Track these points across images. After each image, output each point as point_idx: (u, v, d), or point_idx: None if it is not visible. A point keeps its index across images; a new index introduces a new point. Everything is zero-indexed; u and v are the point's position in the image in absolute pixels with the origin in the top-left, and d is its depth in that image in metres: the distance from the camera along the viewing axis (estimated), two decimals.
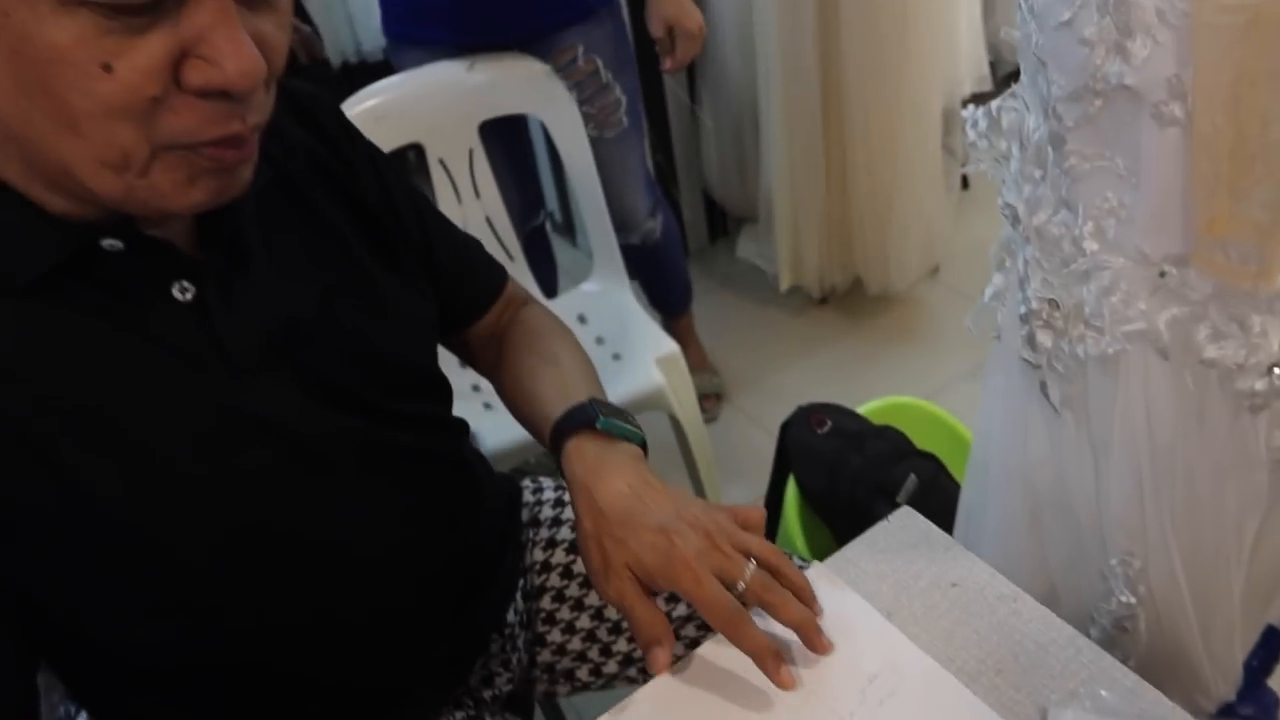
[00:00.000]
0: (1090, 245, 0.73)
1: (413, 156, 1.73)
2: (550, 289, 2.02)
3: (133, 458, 0.61)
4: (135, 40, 0.51)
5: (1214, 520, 0.82)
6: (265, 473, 0.67)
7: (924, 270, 2.34)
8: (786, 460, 1.40)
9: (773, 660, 0.66)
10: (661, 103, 2.36)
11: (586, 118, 1.70)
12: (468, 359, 0.99)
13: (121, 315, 0.61)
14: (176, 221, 0.63)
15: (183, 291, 0.63)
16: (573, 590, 0.97)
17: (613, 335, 1.75)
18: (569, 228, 2.71)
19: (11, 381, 0.57)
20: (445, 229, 0.91)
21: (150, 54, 0.51)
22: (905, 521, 0.80)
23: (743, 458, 2.03)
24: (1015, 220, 0.80)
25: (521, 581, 0.97)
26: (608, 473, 0.74)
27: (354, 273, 0.76)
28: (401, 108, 1.58)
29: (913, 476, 1.33)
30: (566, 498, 1.04)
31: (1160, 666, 0.91)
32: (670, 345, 1.66)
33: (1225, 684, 0.93)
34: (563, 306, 1.81)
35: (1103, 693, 0.65)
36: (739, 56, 2.25)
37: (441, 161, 1.65)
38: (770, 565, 0.70)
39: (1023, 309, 0.83)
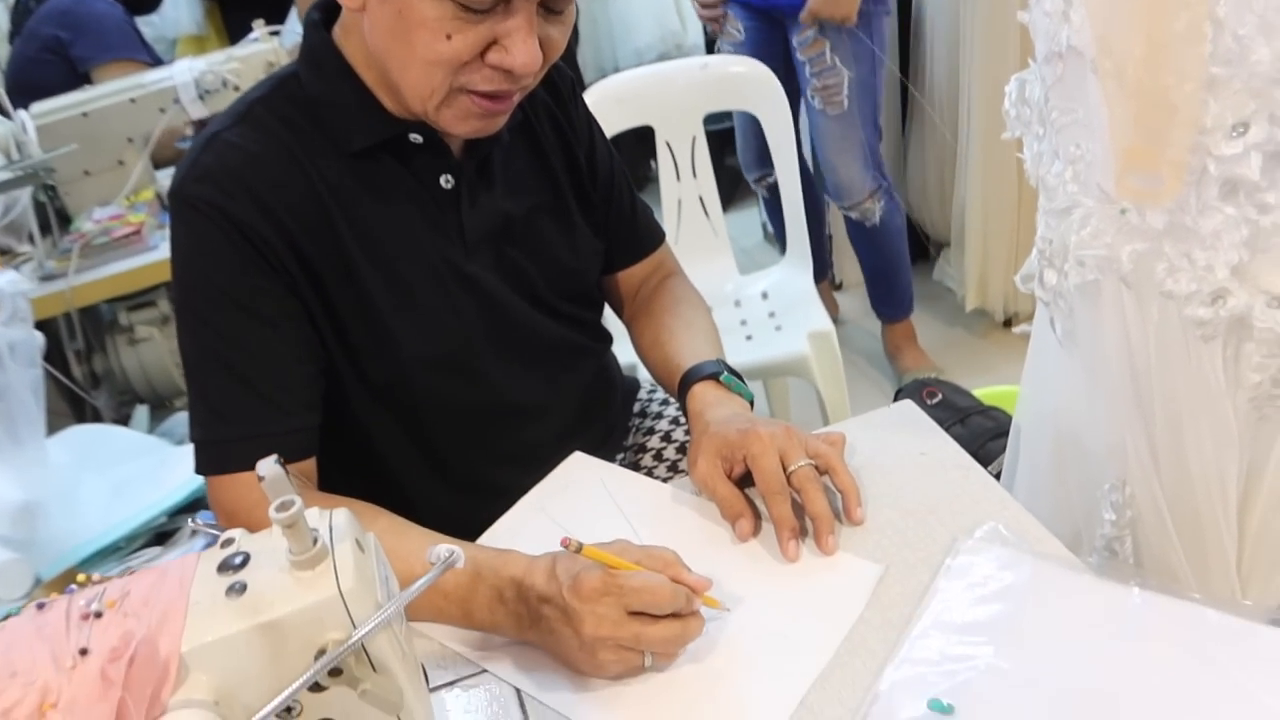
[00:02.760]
0: (1071, 188, 0.87)
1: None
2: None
3: (394, 276, 0.92)
4: (471, 26, 0.80)
5: (1194, 451, 0.92)
6: (474, 319, 0.97)
7: None
8: None
9: (789, 532, 0.83)
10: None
11: (814, 93, 2.02)
12: (612, 302, 1.24)
13: (409, 187, 0.93)
14: (455, 138, 0.94)
15: (447, 182, 0.94)
16: (664, 463, 1.20)
17: (783, 311, 1.97)
18: (779, 238, 2.94)
19: (336, 207, 0.90)
20: (627, 191, 1.18)
21: (477, 37, 0.80)
22: (904, 409, 0.97)
23: None
24: (1030, 175, 0.95)
25: (621, 456, 1.22)
26: (719, 407, 0.96)
27: (557, 202, 1.06)
28: (639, 94, 1.90)
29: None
30: (673, 399, 1.28)
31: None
32: (826, 324, 1.85)
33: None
34: (749, 281, 2.06)
35: (1001, 528, 0.80)
36: (945, 81, 2.40)
37: (668, 144, 1.95)
38: (829, 466, 0.87)
39: (1036, 251, 0.98)
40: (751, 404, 0.99)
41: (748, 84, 1.90)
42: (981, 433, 1.47)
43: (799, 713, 0.69)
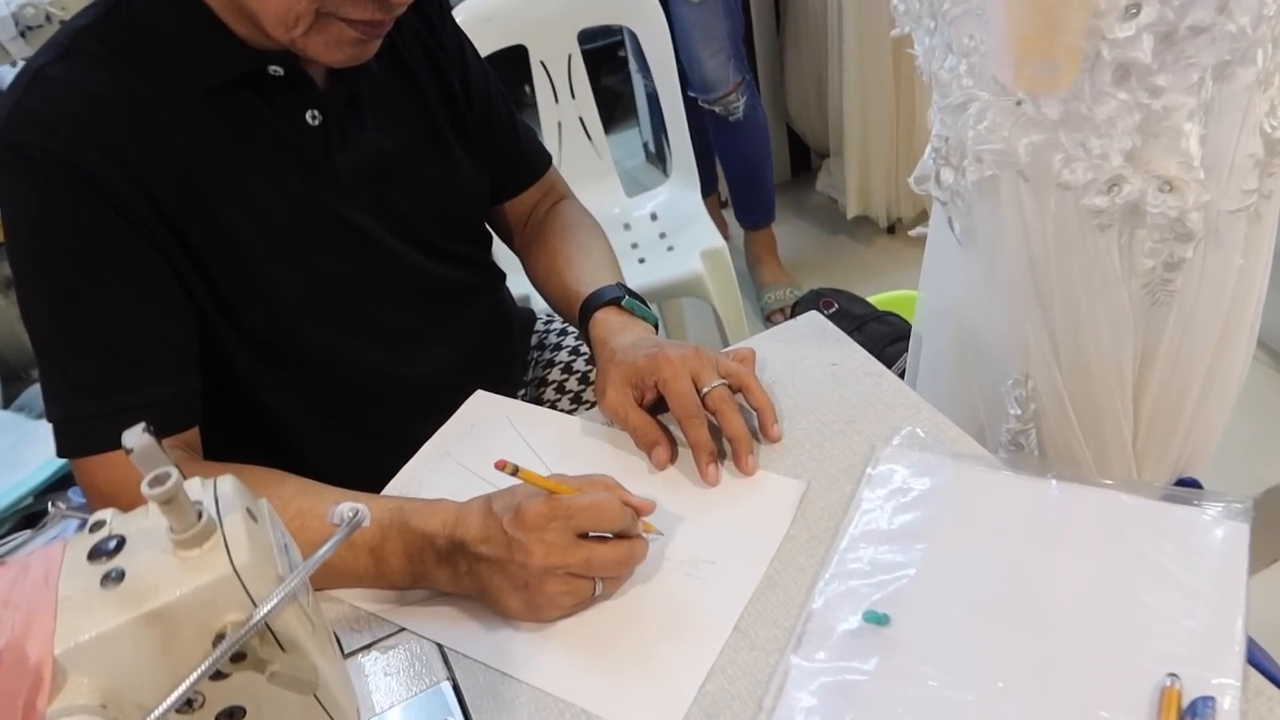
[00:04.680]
0: (965, 81, 0.86)
1: None
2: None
3: (265, 225, 0.83)
4: None
5: (1093, 341, 0.94)
6: (356, 266, 0.90)
7: None
8: None
9: (707, 456, 0.81)
10: (750, 44, 2.50)
11: None
12: (501, 232, 1.17)
13: (271, 124, 0.84)
14: (319, 65, 0.85)
15: (314, 119, 0.86)
16: (566, 395, 1.16)
17: (674, 231, 1.93)
18: (660, 157, 2.89)
19: (193, 150, 0.80)
20: (507, 113, 1.10)
21: None
22: (811, 321, 0.95)
23: None
24: (922, 71, 0.93)
25: (523, 391, 1.17)
26: (624, 333, 0.91)
27: (434, 134, 0.98)
28: (507, 11, 1.80)
29: (907, 355, 1.45)
30: (570, 328, 1.24)
31: None
32: (718, 242, 1.83)
33: None
34: (638, 203, 2.01)
35: (918, 431, 0.79)
36: None
37: (543, 64, 1.86)
38: (742, 384, 0.84)
39: (932, 152, 0.96)
40: (656, 327, 0.96)
41: None
42: (879, 338, 1.48)
43: (734, 638, 0.68)
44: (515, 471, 0.69)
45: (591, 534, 0.70)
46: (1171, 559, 0.67)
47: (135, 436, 0.49)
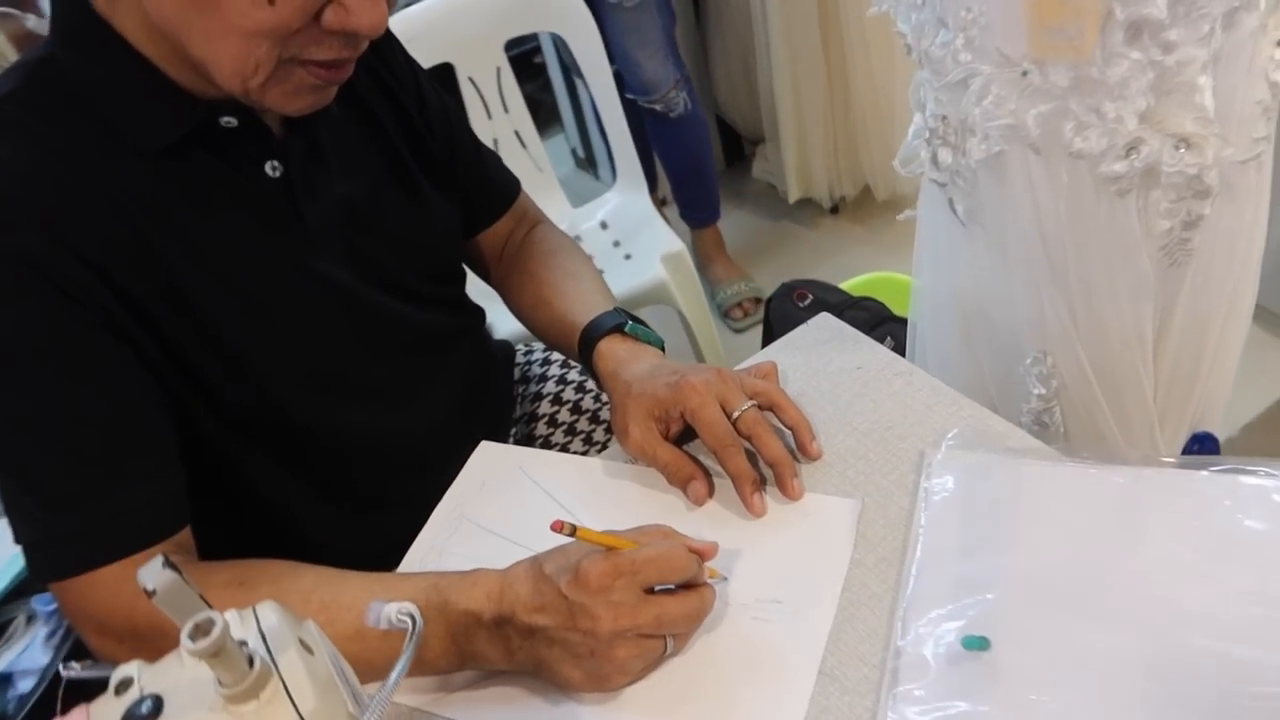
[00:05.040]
0: (964, 56, 0.81)
1: None
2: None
3: (233, 291, 0.75)
4: None
5: (1112, 309, 0.91)
6: (335, 322, 0.82)
7: None
8: (772, 332, 1.50)
9: (750, 486, 0.74)
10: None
11: None
12: (476, 266, 1.09)
13: (229, 181, 0.76)
14: (273, 115, 0.77)
15: (274, 170, 0.77)
16: (559, 427, 1.09)
17: (628, 238, 1.87)
18: (591, 162, 2.82)
19: (145, 221, 0.71)
20: (469, 139, 1.02)
21: None
22: (823, 324, 0.90)
23: None
24: (909, 49, 0.89)
25: (514, 430, 1.10)
26: (635, 363, 0.84)
27: (400, 172, 0.90)
28: (430, 29, 1.70)
29: (889, 339, 1.41)
30: (552, 357, 1.17)
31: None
32: (677, 244, 1.77)
33: None
34: (587, 213, 1.94)
35: (966, 431, 0.75)
36: None
37: (471, 80, 1.78)
38: (772, 403, 0.78)
39: (926, 133, 0.92)
40: (663, 349, 0.90)
41: (546, 3, 1.75)
42: (859, 325, 1.41)
43: (821, 683, 0.62)
44: (573, 532, 0.62)
45: (658, 588, 0.64)
46: (1261, 533, 0.63)
47: (155, 574, 0.41)
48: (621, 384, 0.82)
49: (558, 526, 0.62)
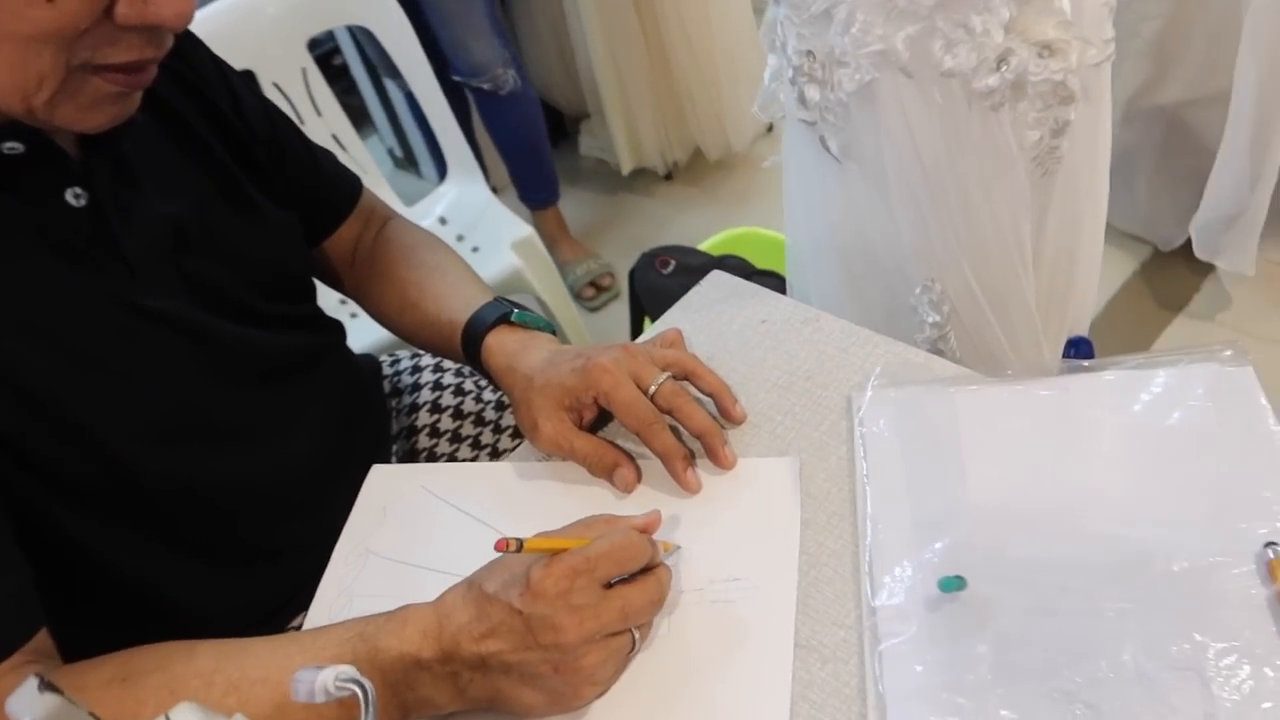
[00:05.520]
0: None
1: None
2: None
3: (52, 347, 0.63)
4: None
5: (993, 226, 0.90)
6: (178, 363, 0.71)
7: (759, 128, 2.41)
8: (640, 304, 1.46)
9: (681, 462, 0.69)
10: None
11: None
12: (326, 277, 0.99)
13: (23, 217, 0.63)
14: (67, 134, 0.64)
15: (76, 198, 0.65)
16: (443, 436, 1.01)
17: (471, 230, 1.78)
18: (411, 160, 2.69)
19: None
20: (297, 139, 0.91)
21: None
22: (716, 281, 0.86)
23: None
24: None
25: (394, 448, 1.01)
26: (529, 353, 0.77)
27: (225, 183, 0.78)
28: (221, 34, 1.54)
29: None
30: (422, 362, 1.08)
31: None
32: (525, 230, 1.70)
33: None
34: (423, 210, 1.84)
35: (887, 369, 0.72)
36: None
37: (276, 85, 1.63)
38: (686, 371, 0.73)
39: (789, 72, 0.89)
40: (554, 334, 0.83)
41: None
42: None
43: (800, 657, 0.58)
44: (520, 547, 0.55)
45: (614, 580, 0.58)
46: (1206, 421, 0.64)
47: (31, 701, 0.33)
48: (521, 378, 0.75)
49: (502, 546, 0.55)
